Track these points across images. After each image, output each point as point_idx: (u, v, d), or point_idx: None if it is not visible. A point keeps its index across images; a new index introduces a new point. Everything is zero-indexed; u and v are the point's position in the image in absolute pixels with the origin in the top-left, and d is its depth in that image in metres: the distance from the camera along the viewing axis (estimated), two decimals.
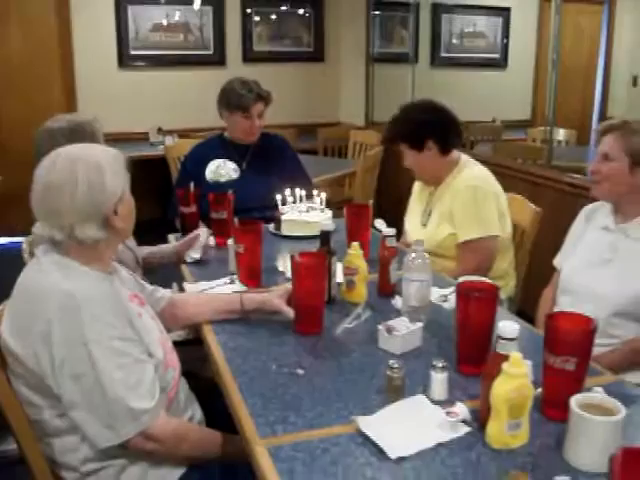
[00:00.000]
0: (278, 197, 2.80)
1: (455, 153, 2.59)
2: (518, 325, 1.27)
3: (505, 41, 7.26)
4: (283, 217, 2.76)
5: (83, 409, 1.39)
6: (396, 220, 2.70)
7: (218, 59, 6.18)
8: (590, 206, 2.19)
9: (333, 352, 1.67)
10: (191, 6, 5.99)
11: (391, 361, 1.43)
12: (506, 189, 2.60)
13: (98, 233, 1.48)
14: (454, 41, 7.11)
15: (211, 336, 1.78)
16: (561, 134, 5.98)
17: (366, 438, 1.26)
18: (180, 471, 1.53)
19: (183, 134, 5.53)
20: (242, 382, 1.51)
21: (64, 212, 1.45)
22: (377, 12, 6.33)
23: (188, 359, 1.84)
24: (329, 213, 2.80)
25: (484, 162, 2.69)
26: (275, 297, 1.84)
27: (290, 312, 1.79)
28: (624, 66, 7.64)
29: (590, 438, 1.17)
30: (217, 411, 1.65)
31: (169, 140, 5.26)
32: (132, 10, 5.88)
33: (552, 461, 1.21)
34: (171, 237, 2.77)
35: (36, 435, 1.47)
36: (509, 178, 2.71)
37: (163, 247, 2.56)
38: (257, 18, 6.34)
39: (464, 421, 1.31)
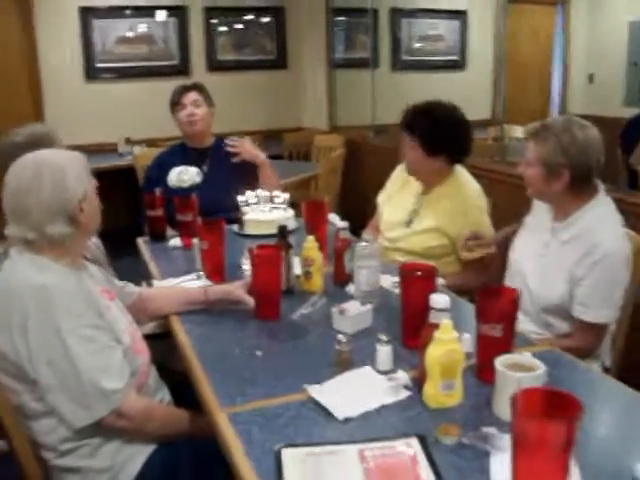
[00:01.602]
0: (241, 198, 2.94)
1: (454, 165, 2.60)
2: (448, 297, 1.42)
3: (463, 43, 7.46)
4: (245, 217, 2.89)
5: (58, 392, 1.52)
6: (361, 218, 2.83)
7: (183, 69, 6.31)
8: (537, 204, 2.23)
9: (290, 334, 1.82)
10: (154, 18, 6.12)
11: (340, 336, 1.58)
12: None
13: (66, 229, 1.61)
14: (414, 45, 7.29)
15: (178, 325, 1.91)
16: (518, 131, 6.16)
17: (316, 403, 1.40)
18: (151, 448, 1.65)
19: (151, 143, 5.63)
20: (205, 363, 1.64)
21: (33, 212, 1.57)
22: (338, 18, 6.51)
23: (158, 352, 1.96)
24: (291, 212, 2.94)
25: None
26: (236, 288, 1.97)
27: (250, 301, 1.92)
28: (581, 64, 7.89)
29: (512, 392, 1.31)
30: (186, 402, 1.75)
31: (137, 150, 5.36)
32: (97, 23, 6.00)
33: (482, 416, 1.36)
34: (140, 240, 2.88)
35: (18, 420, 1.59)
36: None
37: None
38: (221, 28, 6.48)
39: (405, 387, 1.46)
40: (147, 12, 6.18)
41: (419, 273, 1.68)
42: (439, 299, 1.41)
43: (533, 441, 0.99)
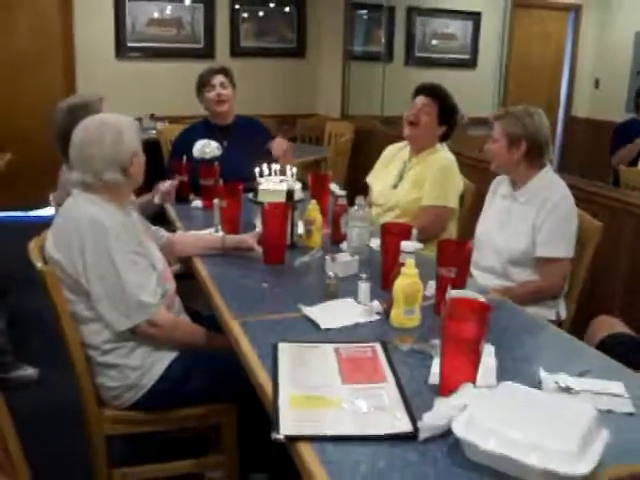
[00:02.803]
0: (256, 170, 3.34)
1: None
2: (414, 243, 1.84)
3: (475, 43, 7.80)
4: (260, 187, 3.30)
5: (105, 302, 1.94)
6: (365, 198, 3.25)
7: (207, 52, 6.70)
8: (497, 179, 2.75)
9: (291, 275, 2.25)
10: (183, 3, 6.53)
11: (330, 273, 1.99)
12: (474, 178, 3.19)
13: (119, 177, 2.02)
14: (427, 42, 7.65)
15: (200, 264, 2.34)
16: None
17: (307, 319, 1.82)
18: (174, 354, 2.08)
19: (173, 120, 6.03)
20: (222, 290, 2.06)
21: (95, 161, 1.99)
22: (356, 13, 6.89)
23: (180, 291, 2.38)
24: (299, 184, 3.34)
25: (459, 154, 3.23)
26: (249, 237, 2.40)
27: (259, 249, 2.34)
28: (588, 70, 8.22)
29: None
30: None
31: (160, 125, 5.78)
32: (130, 5, 6.40)
33: (432, 334, 1.76)
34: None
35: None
36: (462, 166, 3.27)
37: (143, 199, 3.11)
38: (245, 15, 6.88)
39: (377, 312, 1.87)
40: None
41: (396, 230, 2.09)
42: (407, 244, 1.82)
43: (453, 337, 1.39)
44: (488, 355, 1.60)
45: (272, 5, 6.99)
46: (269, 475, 2.26)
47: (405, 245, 1.83)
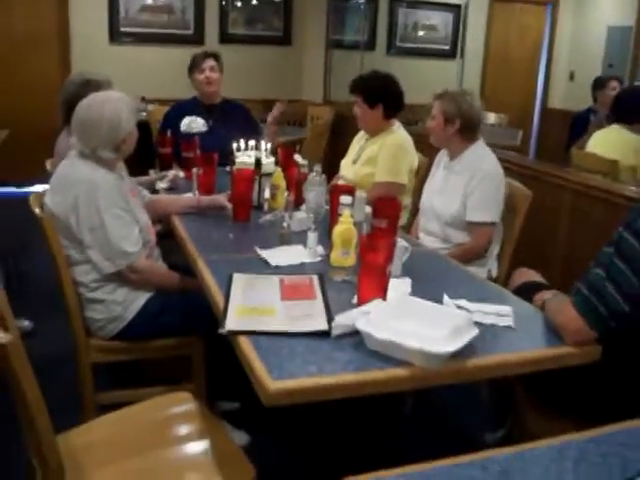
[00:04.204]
0: (234, 146, 3.70)
1: (393, 119, 3.45)
2: (351, 197, 2.20)
3: (455, 35, 8.12)
4: (237, 160, 3.66)
5: (94, 249, 2.30)
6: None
7: (197, 39, 7.03)
8: (440, 152, 3.10)
9: (255, 229, 2.61)
10: None
11: (284, 224, 2.36)
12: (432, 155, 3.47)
13: (111, 154, 2.37)
14: (409, 33, 8.00)
15: (177, 221, 2.70)
16: (492, 118, 6.86)
17: (261, 259, 2.19)
18: (152, 293, 2.44)
19: (163, 102, 6.35)
20: (195, 240, 2.41)
21: (92, 139, 2.34)
22: (340, 3, 7.23)
23: (161, 249, 2.74)
24: (272, 159, 3.71)
25: (420, 135, 3.57)
26: (220, 197, 2.76)
27: (229, 206, 2.70)
28: (563, 62, 8.57)
29: None
30: None
31: (150, 107, 6.12)
32: None
33: None
34: (151, 171, 3.66)
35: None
36: (420, 143, 3.62)
37: (142, 179, 3.45)
38: (234, 4, 7.21)
39: (320, 255, 2.23)
40: None
41: (342, 190, 2.45)
42: (345, 198, 2.19)
43: (367, 264, 1.76)
44: (404, 284, 1.97)
45: None
46: (240, 404, 2.64)
47: (343, 198, 2.19)
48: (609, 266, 1.66)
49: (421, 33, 8.11)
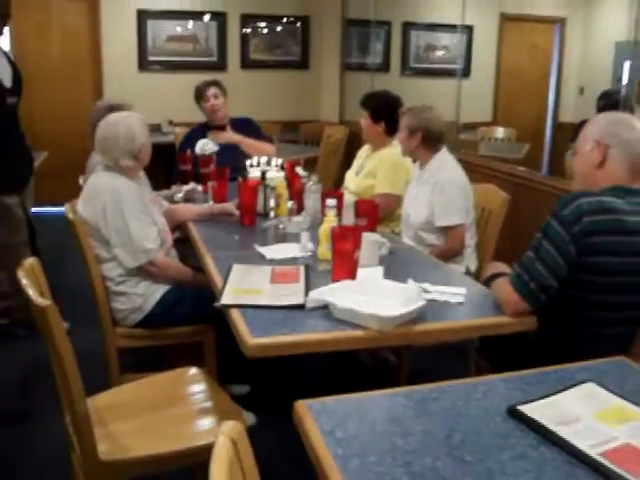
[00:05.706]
0: (247, 162, 4.09)
1: (393, 137, 3.77)
2: (335, 200, 2.57)
3: (468, 54, 8.45)
4: (249, 175, 4.05)
5: (119, 247, 2.70)
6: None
7: (220, 65, 7.54)
8: (416, 163, 3.42)
9: (258, 232, 2.99)
10: (199, 20, 7.36)
11: (281, 225, 2.73)
12: None
13: (131, 162, 2.78)
14: (422, 54, 8.36)
15: (192, 227, 3.09)
16: (500, 132, 7.18)
17: (258, 254, 2.56)
18: (167, 287, 2.83)
19: (189, 126, 6.80)
20: (206, 241, 2.80)
21: (112, 152, 2.75)
22: (354, 28, 7.65)
23: (178, 252, 3.13)
24: (282, 173, 4.09)
25: None
26: (230, 205, 3.15)
27: (237, 213, 3.09)
28: (573, 78, 8.86)
29: (363, 252, 2.44)
30: None
31: (177, 130, 6.57)
32: (151, 23, 7.25)
33: None
34: (173, 186, 4.07)
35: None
36: None
37: (163, 192, 3.87)
38: (254, 32, 7.68)
39: (311, 251, 2.60)
40: (193, 16, 7.42)
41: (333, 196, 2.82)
42: (330, 201, 2.55)
43: (338, 251, 2.12)
44: (377, 272, 2.33)
45: (279, 22, 7.78)
46: (250, 387, 3.01)
47: (329, 202, 2.56)
48: (538, 248, 2.01)
49: (434, 54, 8.45)
